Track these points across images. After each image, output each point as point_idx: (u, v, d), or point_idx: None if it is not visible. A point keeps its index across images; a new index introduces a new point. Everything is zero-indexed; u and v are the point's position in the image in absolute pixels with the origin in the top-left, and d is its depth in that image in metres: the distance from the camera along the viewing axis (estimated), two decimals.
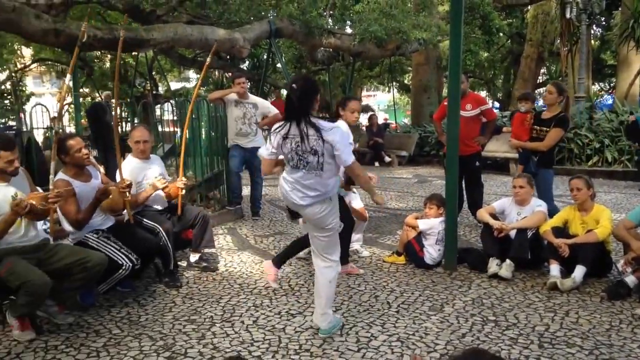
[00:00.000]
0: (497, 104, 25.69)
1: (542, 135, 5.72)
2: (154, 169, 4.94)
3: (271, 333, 3.71)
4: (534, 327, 3.77)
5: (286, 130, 3.43)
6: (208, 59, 5.68)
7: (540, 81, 24.22)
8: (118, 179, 4.60)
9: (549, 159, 5.87)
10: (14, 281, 3.46)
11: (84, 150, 4.20)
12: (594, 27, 21.14)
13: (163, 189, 4.75)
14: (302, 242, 4.65)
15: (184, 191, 4.95)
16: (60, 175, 4.13)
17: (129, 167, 4.75)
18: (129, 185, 4.35)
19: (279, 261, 4.58)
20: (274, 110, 7.30)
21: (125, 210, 4.60)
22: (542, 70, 23.93)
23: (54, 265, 3.72)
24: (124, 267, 4.07)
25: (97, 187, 4.24)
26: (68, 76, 4.92)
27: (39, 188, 4.09)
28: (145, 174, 4.86)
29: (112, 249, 4.13)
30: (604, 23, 21.65)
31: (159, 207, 4.98)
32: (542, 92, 26.39)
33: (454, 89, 4.94)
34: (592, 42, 20.66)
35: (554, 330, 3.71)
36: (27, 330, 3.60)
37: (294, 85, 3.44)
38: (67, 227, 4.22)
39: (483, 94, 27.33)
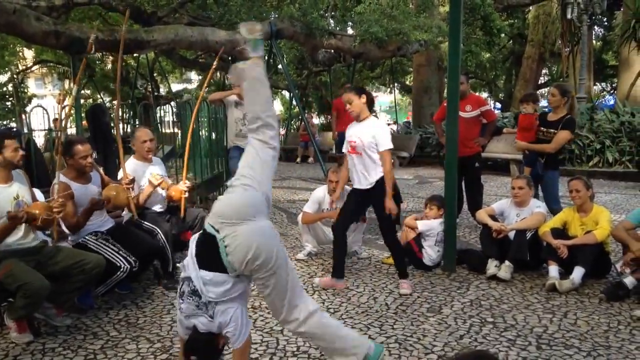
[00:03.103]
0: (498, 105, 25.65)
1: (550, 136, 5.62)
2: (155, 171, 4.94)
3: (269, 335, 3.71)
4: (532, 328, 3.76)
5: None
6: (214, 63, 5.63)
7: (542, 82, 24.19)
8: (120, 177, 4.63)
9: (556, 161, 5.82)
10: (12, 283, 3.47)
11: (89, 159, 4.21)
12: (596, 28, 21.14)
13: (159, 184, 4.74)
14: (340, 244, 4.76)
15: (187, 194, 4.94)
16: (61, 177, 4.13)
17: (130, 169, 4.76)
18: (132, 180, 4.39)
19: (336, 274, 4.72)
20: None
21: (124, 212, 4.59)
22: (543, 71, 23.90)
23: (53, 268, 3.73)
24: (121, 270, 4.08)
25: (95, 191, 4.27)
26: (75, 87, 4.86)
27: (36, 190, 4.09)
28: (146, 176, 4.86)
29: (111, 251, 4.13)
30: (605, 23, 21.64)
31: (159, 209, 4.99)
32: (544, 92, 26.44)
33: (453, 91, 4.95)
34: (594, 42, 20.64)
35: (552, 331, 3.71)
36: (24, 332, 3.62)
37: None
38: (65, 228, 4.23)
39: (484, 95, 27.29)
